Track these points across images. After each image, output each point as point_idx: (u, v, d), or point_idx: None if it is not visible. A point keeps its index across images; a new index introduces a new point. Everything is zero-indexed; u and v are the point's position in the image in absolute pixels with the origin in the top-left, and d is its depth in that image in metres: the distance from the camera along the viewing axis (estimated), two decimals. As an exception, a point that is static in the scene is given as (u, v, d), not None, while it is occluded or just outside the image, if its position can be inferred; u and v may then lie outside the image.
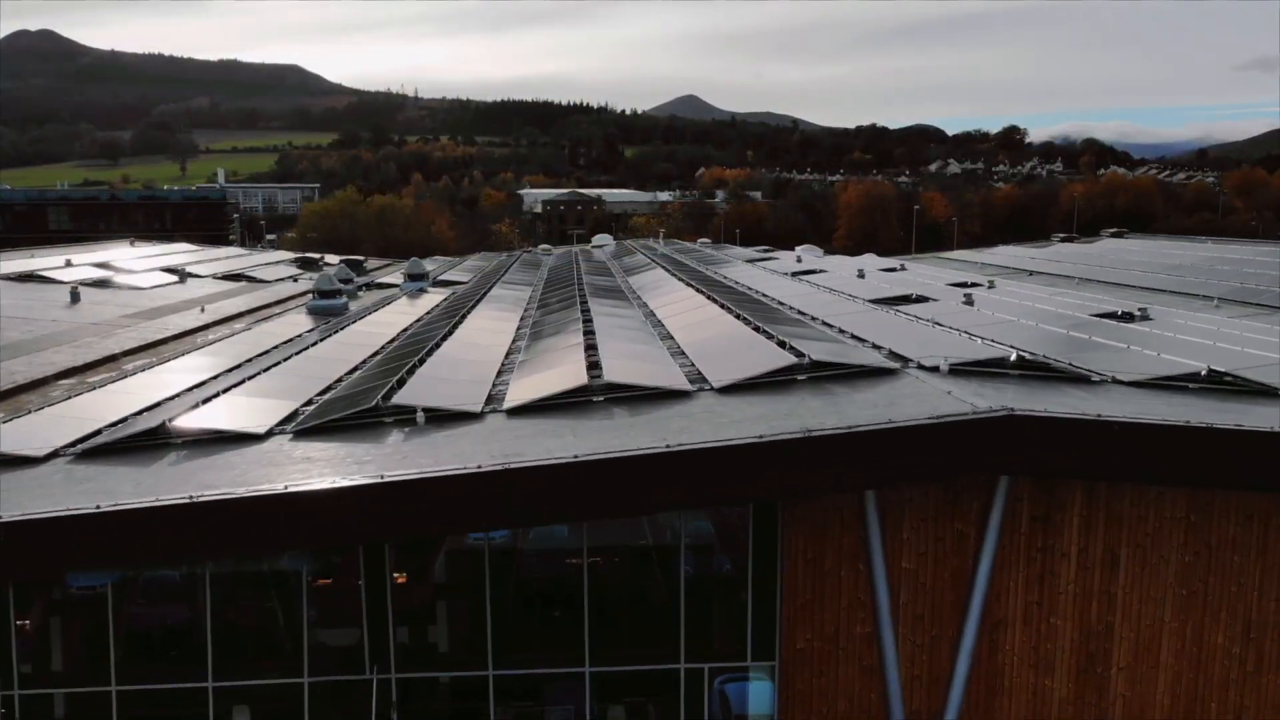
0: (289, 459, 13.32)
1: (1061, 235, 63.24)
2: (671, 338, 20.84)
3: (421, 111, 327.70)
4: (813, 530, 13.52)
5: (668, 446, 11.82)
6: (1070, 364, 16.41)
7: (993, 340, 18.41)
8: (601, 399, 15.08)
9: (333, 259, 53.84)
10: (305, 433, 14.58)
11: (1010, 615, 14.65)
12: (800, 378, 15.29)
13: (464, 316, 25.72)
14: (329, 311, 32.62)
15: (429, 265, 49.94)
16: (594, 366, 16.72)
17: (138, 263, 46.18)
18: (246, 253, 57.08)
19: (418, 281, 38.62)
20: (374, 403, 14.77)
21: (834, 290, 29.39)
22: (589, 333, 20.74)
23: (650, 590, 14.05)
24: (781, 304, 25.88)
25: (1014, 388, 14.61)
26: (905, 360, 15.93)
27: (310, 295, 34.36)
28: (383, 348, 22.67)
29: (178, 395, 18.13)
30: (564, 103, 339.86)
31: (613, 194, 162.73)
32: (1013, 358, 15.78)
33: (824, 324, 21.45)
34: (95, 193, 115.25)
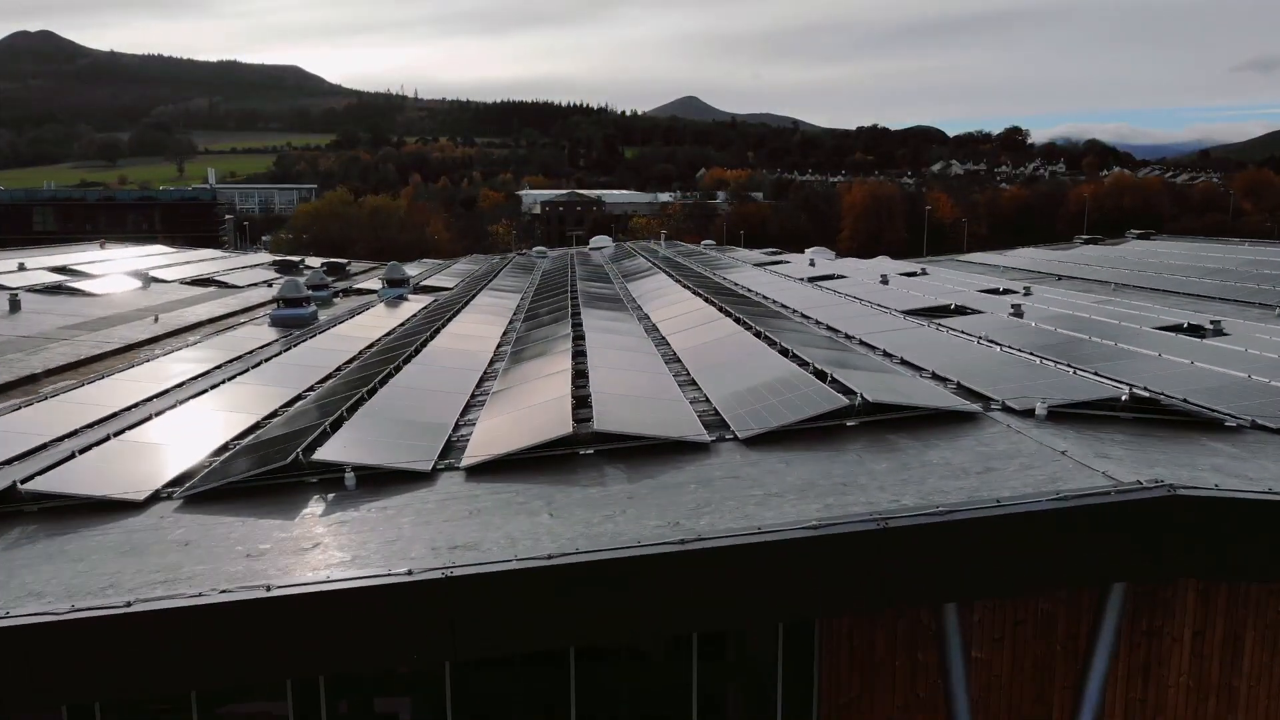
0: (162, 543, 9.63)
1: (1085, 237, 59.42)
2: (678, 360, 17.15)
3: (421, 112, 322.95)
4: (860, 610, 10.01)
5: (683, 542, 8.14)
6: (1185, 400, 12.72)
7: (1069, 365, 14.77)
8: (591, 451, 11.40)
9: (314, 262, 50.22)
10: (198, 499, 10.89)
11: (1108, 716, 11.16)
12: (850, 423, 11.59)
13: (437, 331, 22.03)
14: (294, 322, 28.96)
15: (414, 269, 46.24)
16: (583, 403, 13.05)
17: (100, 266, 42.49)
18: (224, 255, 53.39)
19: (397, 288, 34.90)
20: (291, 458, 11.07)
21: (859, 299, 25.70)
22: (579, 354, 17.07)
23: (654, 687, 10.44)
24: (806, 317, 22.19)
25: (1136, 439, 10.92)
26: (985, 399, 12.21)
27: (275, 304, 30.69)
28: (338, 369, 19.00)
29: (73, 434, 14.45)
30: (564, 104, 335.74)
31: (612, 195, 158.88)
32: (1125, 396, 12.08)
33: (861, 343, 17.74)
34: (83, 193, 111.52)
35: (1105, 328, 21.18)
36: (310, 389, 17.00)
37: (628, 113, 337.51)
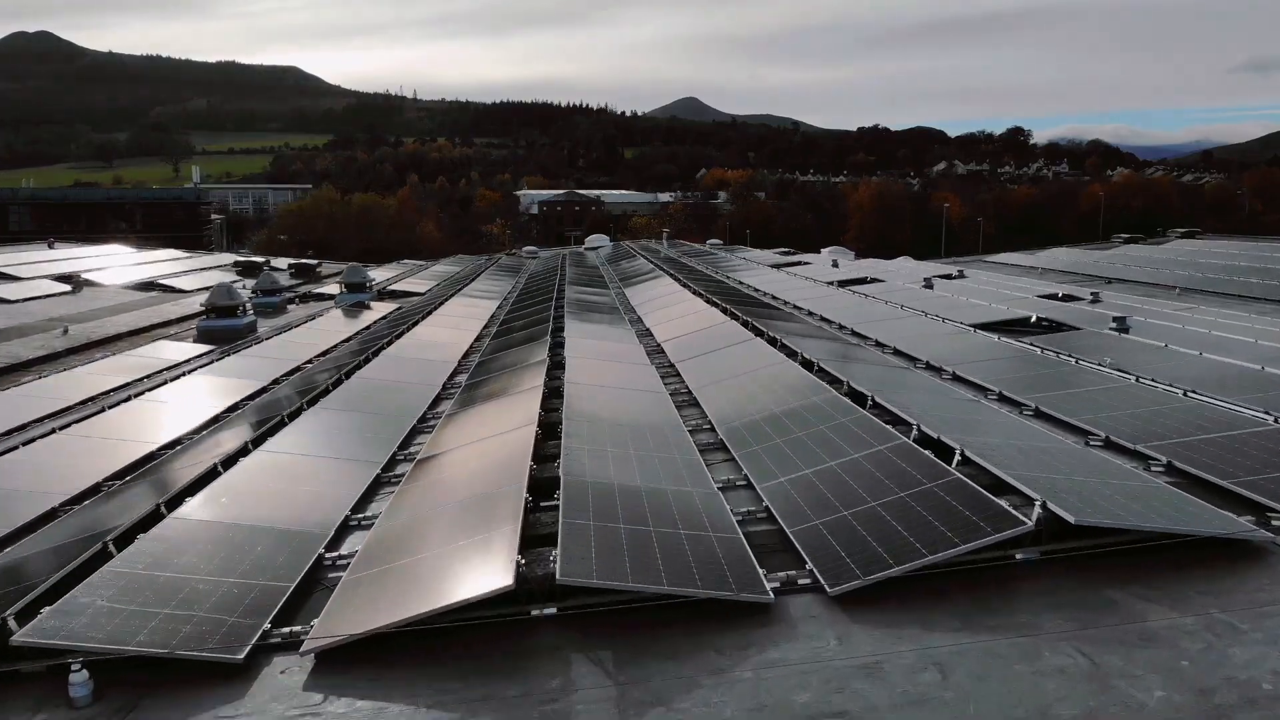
0: None
1: (1124, 236, 53.94)
2: (696, 403, 11.81)
3: (420, 113, 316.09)
4: None
5: None
6: None
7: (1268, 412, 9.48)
8: (553, 611, 6.09)
9: (281, 263, 44.93)
10: None
11: None
12: (1021, 556, 6.28)
13: (376, 353, 16.69)
14: (224, 335, 23.75)
15: (386, 271, 40.98)
16: (547, 492, 7.74)
17: (33, 269, 37.15)
18: (186, 256, 47.97)
19: (356, 293, 29.53)
20: (-21, 638, 5.73)
21: (914, 310, 20.32)
22: (554, 394, 11.74)
23: None
24: (860, 335, 16.83)
25: None
26: (1255, 506, 6.87)
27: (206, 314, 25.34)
28: (231, 409, 13.69)
29: None
30: (563, 104, 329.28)
31: (612, 195, 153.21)
32: None
33: (955, 377, 12.40)
34: (62, 193, 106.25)
35: (1246, 349, 15.91)
36: (165, 448, 11.62)
37: (627, 113, 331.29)
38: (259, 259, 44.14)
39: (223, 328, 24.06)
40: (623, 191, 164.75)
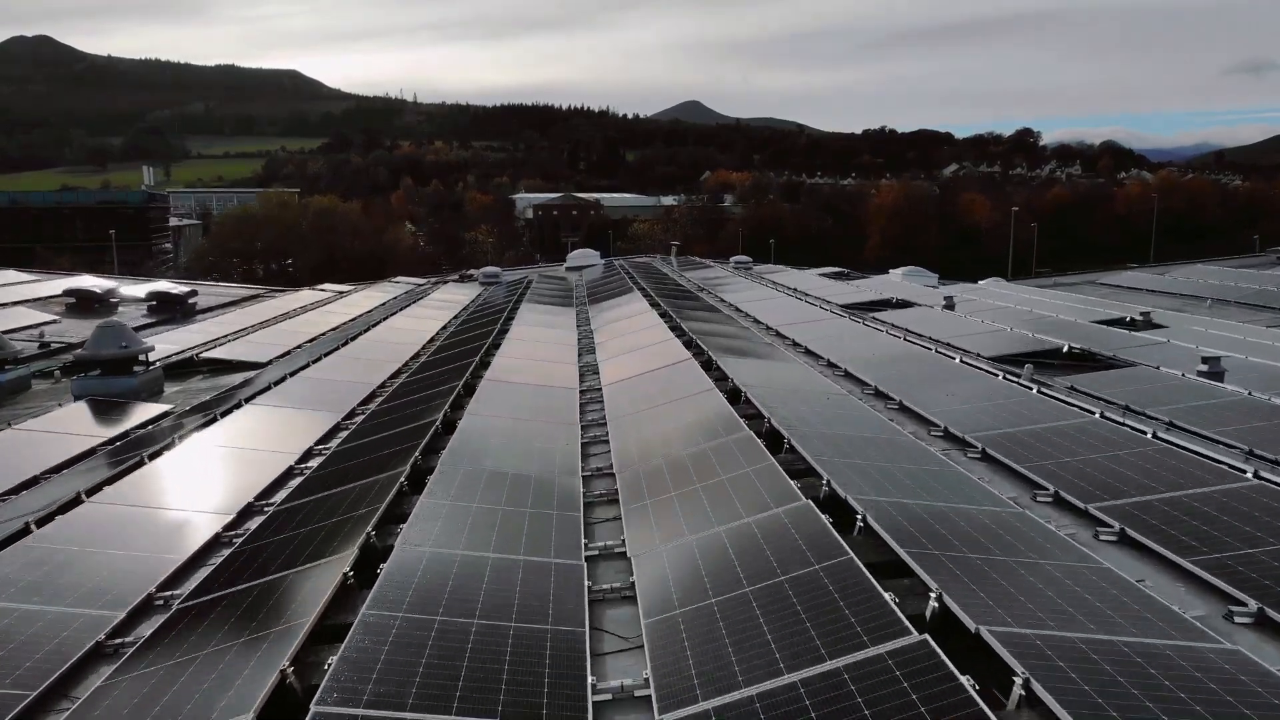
0: None
1: (1284, 249, 40.12)
2: None
3: (420, 116, 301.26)
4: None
5: None
6: None
7: None
8: None
9: (135, 290, 31.11)
10: None
11: None
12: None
13: None
14: None
15: (271, 308, 27.04)
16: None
17: None
18: (25, 279, 34.18)
19: (112, 378, 15.36)
20: None
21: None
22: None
23: None
24: None
25: None
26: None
27: None
28: None
29: None
30: (564, 107, 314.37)
31: (611, 198, 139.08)
32: None
33: None
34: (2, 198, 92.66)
35: None
36: None
37: (629, 116, 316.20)
38: (101, 287, 30.19)
39: None
40: (623, 194, 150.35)
